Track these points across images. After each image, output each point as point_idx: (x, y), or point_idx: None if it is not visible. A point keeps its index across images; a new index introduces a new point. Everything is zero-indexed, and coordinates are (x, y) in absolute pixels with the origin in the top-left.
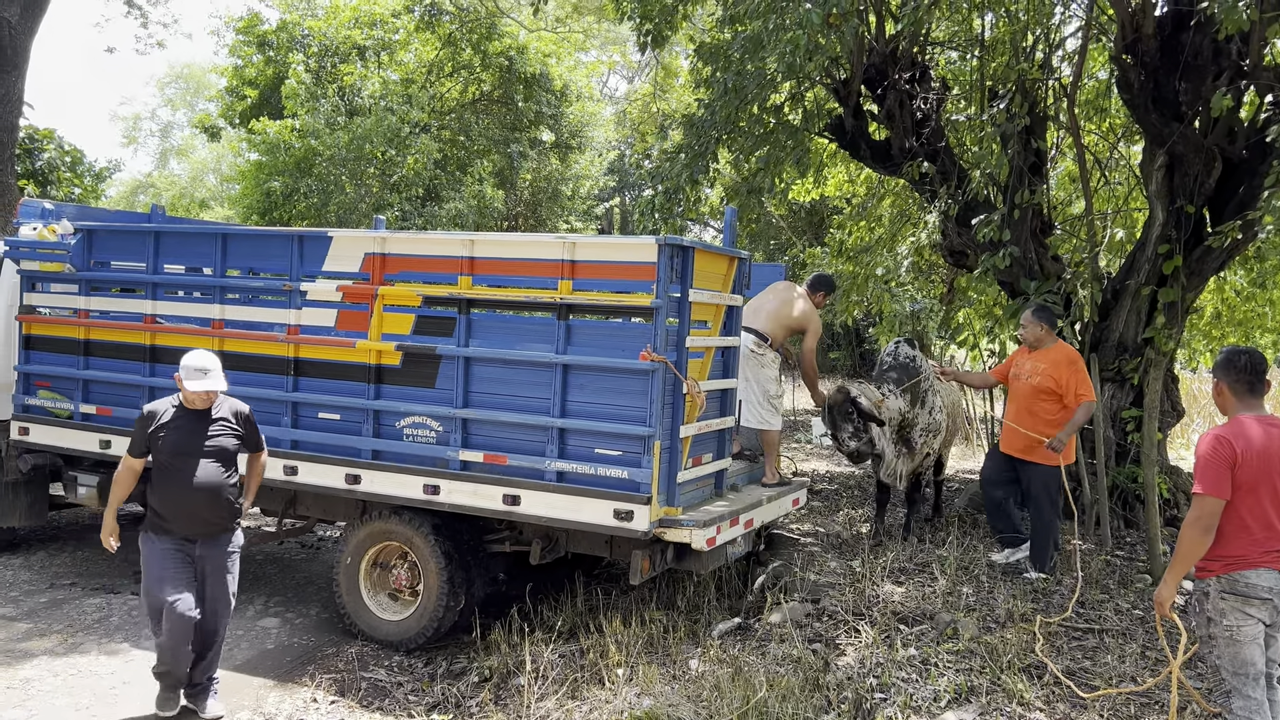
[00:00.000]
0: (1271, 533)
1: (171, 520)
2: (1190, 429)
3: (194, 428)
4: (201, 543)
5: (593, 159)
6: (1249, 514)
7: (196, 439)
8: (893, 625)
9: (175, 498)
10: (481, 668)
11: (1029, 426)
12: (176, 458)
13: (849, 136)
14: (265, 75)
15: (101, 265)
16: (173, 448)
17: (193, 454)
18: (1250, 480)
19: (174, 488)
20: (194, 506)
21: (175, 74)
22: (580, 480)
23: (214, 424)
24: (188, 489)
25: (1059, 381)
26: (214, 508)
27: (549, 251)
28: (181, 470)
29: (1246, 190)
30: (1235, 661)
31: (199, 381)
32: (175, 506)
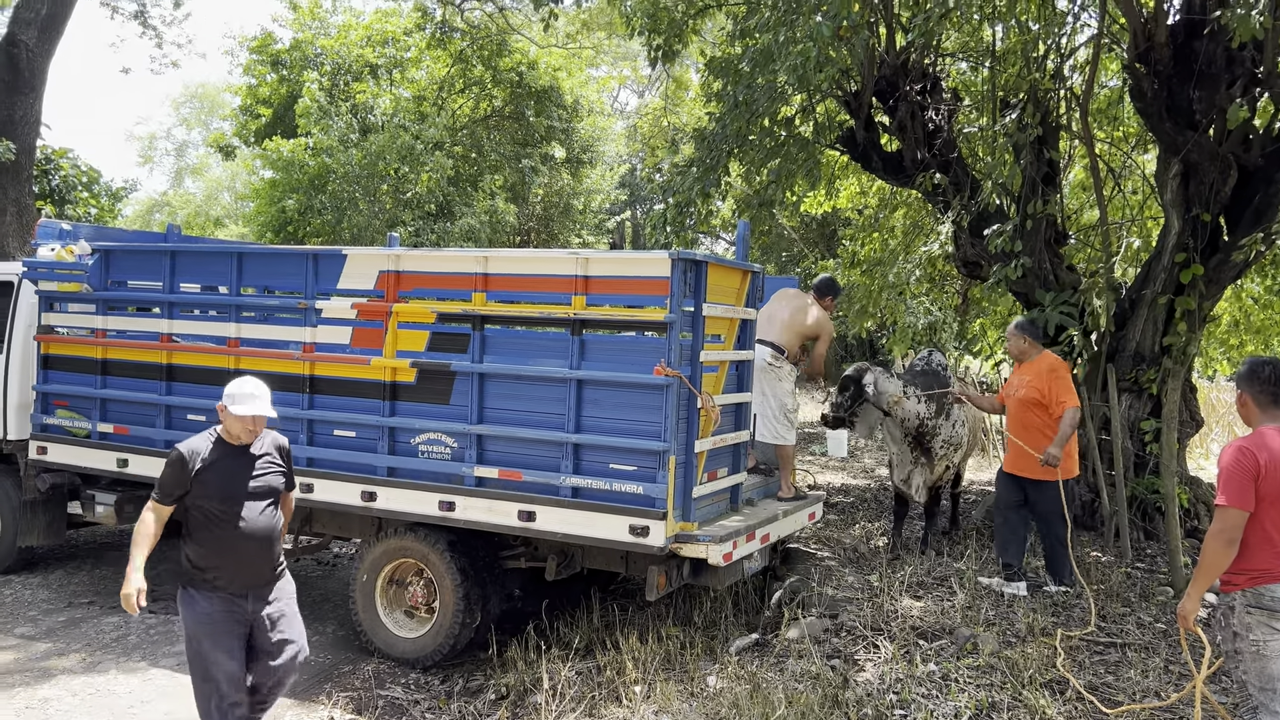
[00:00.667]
0: None
1: (218, 574)
2: (1209, 439)
3: (239, 466)
4: (253, 596)
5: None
6: (1273, 526)
7: (243, 479)
8: (912, 640)
9: (223, 548)
10: (498, 685)
11: (1023, 440)
12: (223, 502)
13: (861, 148)
14: (279, 94)
15: (118, 285)
16: (219, 491)
17: (240, 496)
18: (1274, 492)
19: (221, 536)
20: (245, 556)
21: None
22: (595, 496)
23: (259, 460)
24: (238, 536)
25: (1042, 391)
26: (267, 556)
27: (562, 267)
28: (229, 515)
29: (1263, 198)
30: (1262, 677)
31: (248, 405)
32: (223, 558)
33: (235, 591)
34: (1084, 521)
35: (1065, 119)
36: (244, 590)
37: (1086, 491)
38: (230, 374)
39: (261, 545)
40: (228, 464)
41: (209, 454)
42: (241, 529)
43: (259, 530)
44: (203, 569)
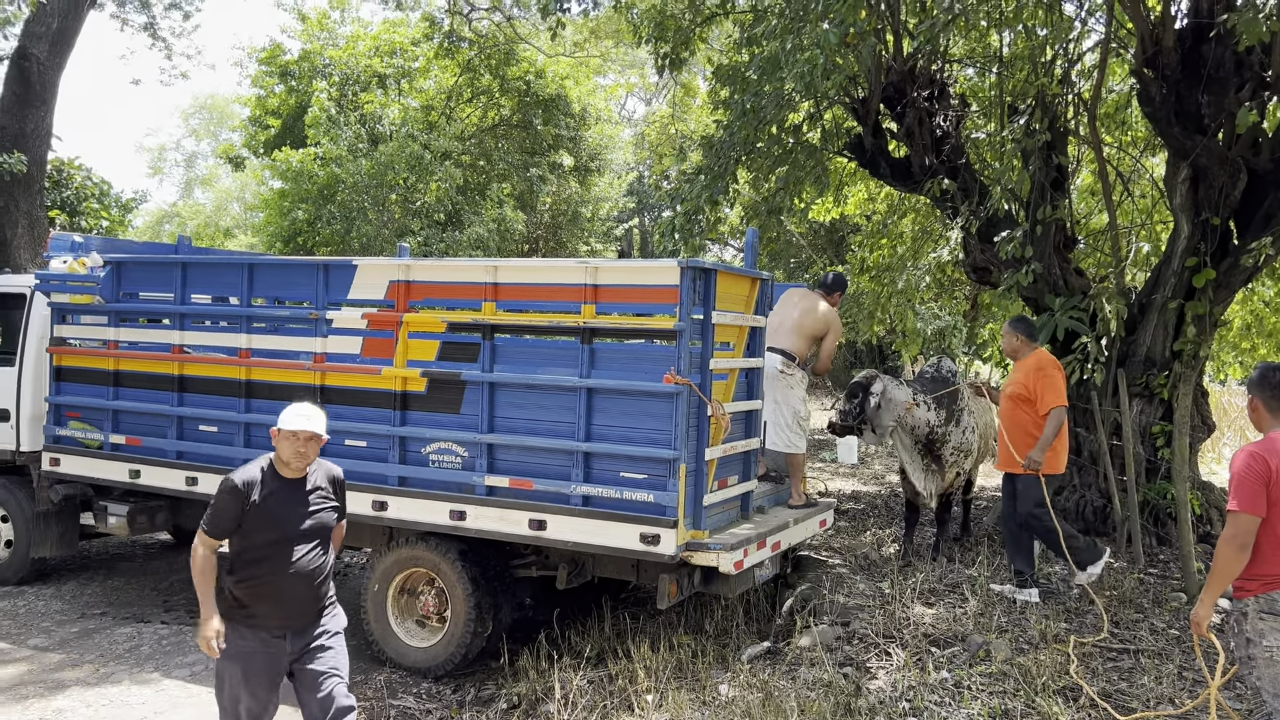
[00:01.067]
0: None
1: (261, 612)
2: (1221, 443)
3: (292, 501)
4: (293, 635)
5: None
6: None
7: (296, 515)
8: (924, 648)
9: (268, 587)
10: (510, 694)
11: (1009, 436)
12: (273, 541)
13: (868, 155)
14: (288, 105)
15: (130, 297)
16: (270, 528)
17: (292, 534)
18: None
19: (266, 575)
20: (291, 596)
21: (199, 104)
22: (606, 504)
23: (312, 495)
24: (285, 576)
25: (1029, 388)
26: (314, 596)
27: (572, 276)
28: (278, 554)
29: (1273, 201)
30: (1276, 683)
31: (297, 422)
32: (267, 597)
33: (275, 631)
34: (1096, 527)
35: (1073, 124)
36: (284, 630)
37: (1098, 497)
38: (241, 385)
39: (309, 585)
40: (280, 498)
41: (262, 486)
42: (289, 569)
43: (307, 570)
44: (246, 606)
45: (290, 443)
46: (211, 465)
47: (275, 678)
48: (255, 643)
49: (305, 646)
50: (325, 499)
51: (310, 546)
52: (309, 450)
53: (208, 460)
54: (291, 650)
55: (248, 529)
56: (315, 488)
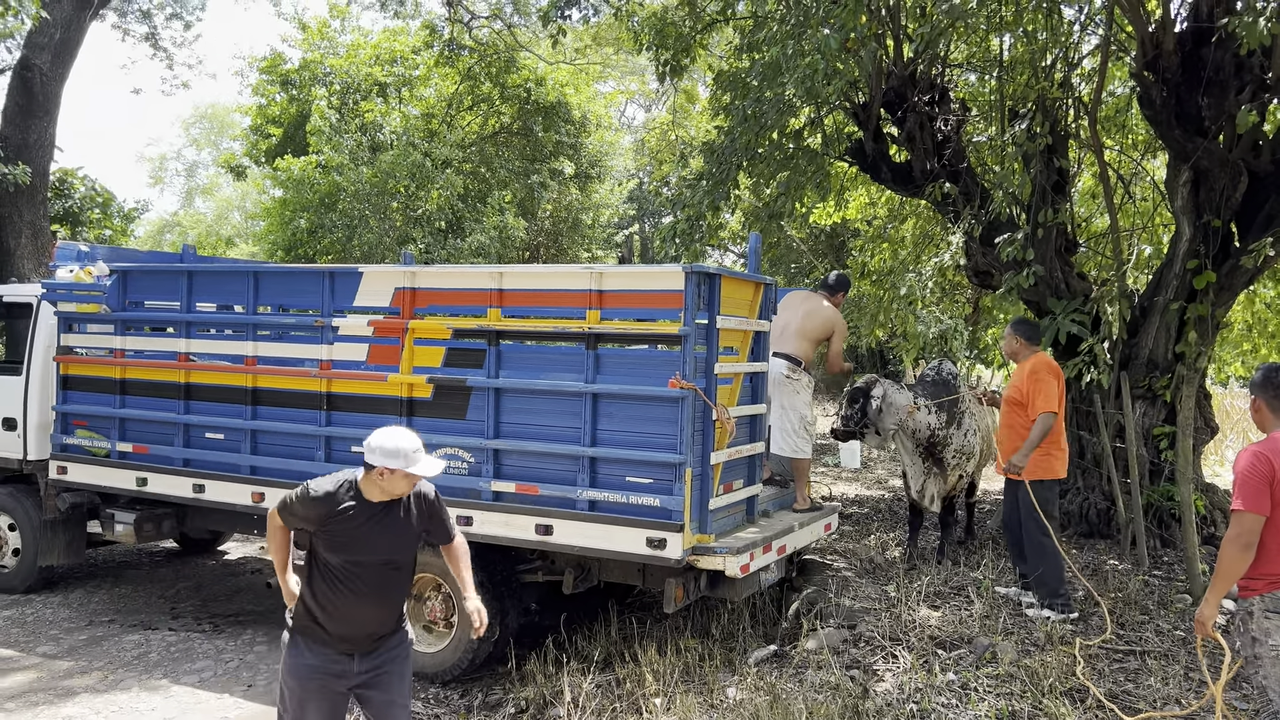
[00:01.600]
0: None
1: (330, 629)
2: (1224, 445)
3: (375, 525)
4: (360, 656)
5: (612, 188)
6: None
7: (377, 541)
8: (930, 650)
9: (340, 606)
10: (518, 699)
11: (1006, 440)
12: (350, 562)
13: (870, 159)
14: (289, 114)
15: (136, 305)
16: (348, 549)
17: (370, 560)
18: None
19: (341, 595)
20: (362, 620)
21: (200, 114)
22: (612, 509)
23: (398, 520)
24: (358, 600)
25: (1023, 392)
26: (384, 621)
27: (576, 282)
28: (353, 577)
29: (1274, 203)
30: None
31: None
32: (338, 616)
33: (342, 650)
34: (1100, 530)
35: (1074, 127)
36: (351, 651)
37: (1102, 500)
38: (248, 392)
39: (381, 611)
40: (363, 521)
41: (346, 506)
42: (366, 593)
43: (384, 596)
44: (317, 621)
45: (406, 482)
46: (218, 472)
47: (337, 699)
48: (319, 659)
49: (373, 668)
50: (410, 522)
51: (389, 572)
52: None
53: (214, 468)
54: (359, 671)
55: (324, 544)
56: (405, 510)
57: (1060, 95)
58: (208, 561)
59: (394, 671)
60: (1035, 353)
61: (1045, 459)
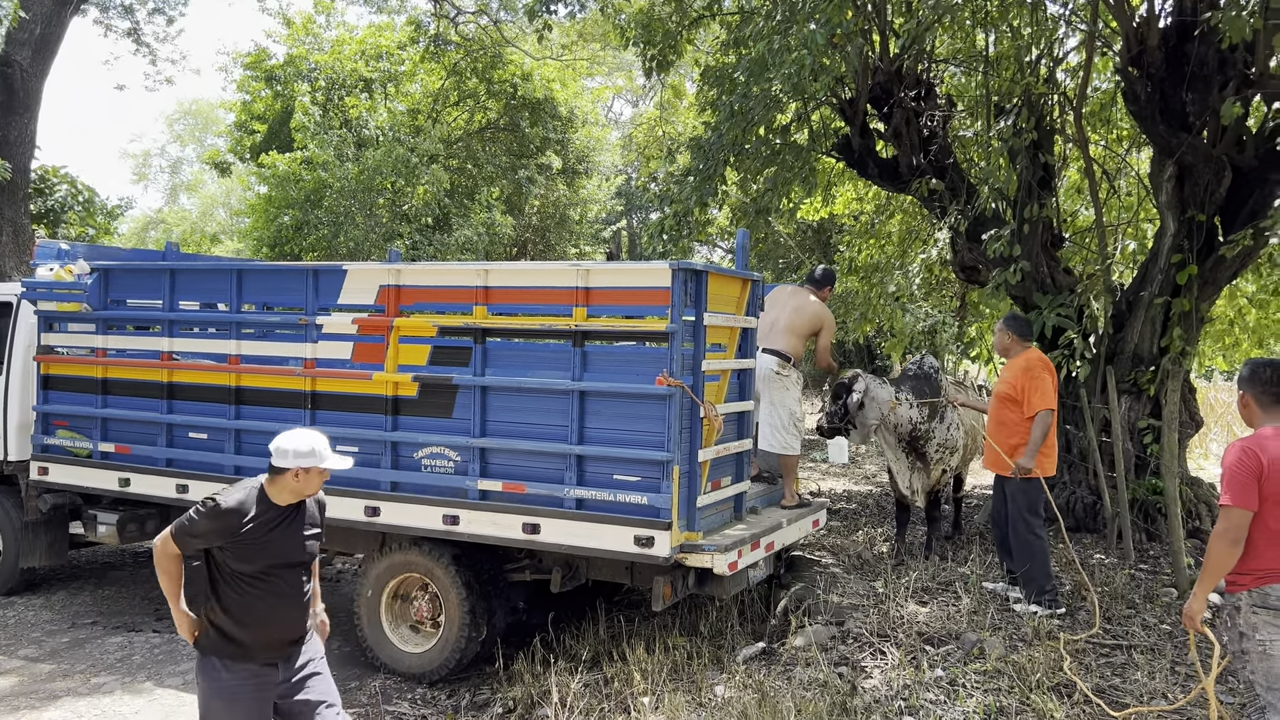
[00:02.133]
0: None
1: (251, 642)
2: (1208, 439)
3: (286, 529)
4: (283, 665)
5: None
6: (1278, 526)
7: (289, 544)
8: (918, 646)
9: (259, 616)
10: (505, 699)
11: (997, 437)
12: (266, 569)
13: (856, 155)
14: (274, 110)
15: (118, 304)
16: (262, 556)
17: (286, 562)
18: (1278, 492)
19: (259, 604)
20: (282, 625)
21: (184, 110)
22: (600, 507)
23: (303, 522)
24: (278, 605)
25: (1016, 388)
26: (302, 624)
27: (563, 279)
28: (270, 584)
29: (1258, 198)
30: (1269, 676)
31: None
32: (258, 626)
33: (264, 662)
34: (1086, 524)
35: (1059, 123)
36: (276, 661)
37: (1088, 494)
38: (231, 391)
39: (299, 615)
40: (272, 527)
41: (255, 513)
42: (280, 598)
43: (298, 598)
44: (231, 638)
45: (320, 480)
46: (202, 472)
47: (266, 712)
48: (243, 676)
49: (295, 675)
50: (312, 524)
51: (299, 575)
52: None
53: (198, 467)
54: (283, 680)
55: (236, 556)
56: (308, 514)
57: (1045, 91)
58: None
59: (319, 672)
60: (1027, 348)
61: (1043, 458)
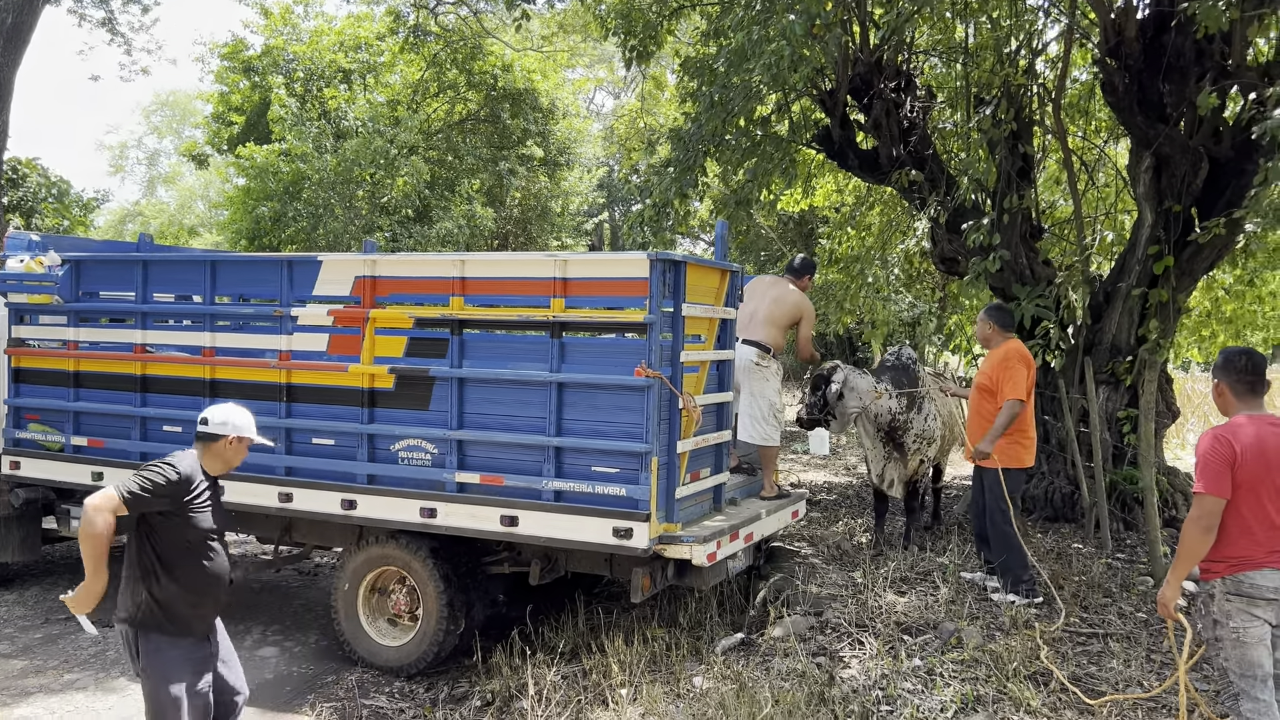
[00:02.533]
0: (1274, 533)
1: (193, 612)
2: (1185, 429)
3: (218, 498)
4: (211, 639)
5: (581, 175)
6: (1250, 514)
7: (221, 515)
8: (896, 636)
9: (203, 589)
10: (484, 691)
11: (974, 428)
12: (208, 535)
13: (836, 146)
14: (251, 101)
15: (90, 296)
16: (207, 522)
17: (220, 534)
18: (1251, 479)
19: (204, 576)
20: (218, 593)
21: (161, 101)
22: (578, 499)
23: (222, 494)
24: (214, 574)
25: (993, 379)
26: (224, 596)
27: (540, 269)
28: (212, 551)
29: (1234, 189)
30: (1243, 663)
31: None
32: (203, 594)
33: (201, 633)
34: (1064, 514)
35: (1038, 114)
36: (206, 632)
37: (1066, 484)
38: (206, 384)
39: (224, 584)
40: (212, 495)
41: (200, 480)
42: (217, 567)
43: (226, 569)
44: (176, 611)
45: (244, 452)
46: None
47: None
48: (188, 649)
49: (218, 649)
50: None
51: (225, 545)
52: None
53: None
54: (213, 651)
55: (186, 524)
56: (221, 488)
57: (1025, 82)
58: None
59: (229, 647)
60: (1008, 339)
61: (1014, 447)
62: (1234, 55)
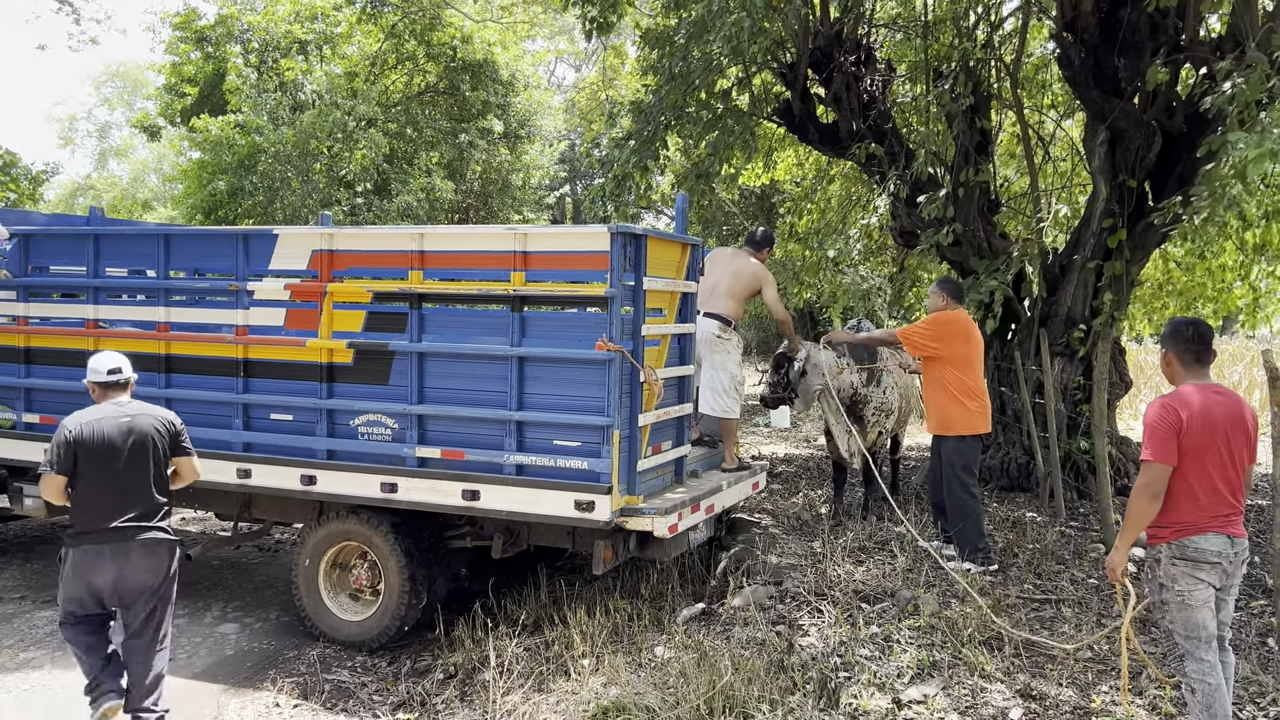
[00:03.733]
0: (1218, 498)
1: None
2: (1138, 399)
3: None
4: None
5: (542, 148)
6: (1195, 480)
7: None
8: (854, 604)
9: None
10: (446, 665)
11: (930, 397)
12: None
13: (797, 120)
14: (205, 72)
15: (40, 270)
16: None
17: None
18: (1196, 447)
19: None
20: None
21: (111, 72)
22: (540, 473)
23: None
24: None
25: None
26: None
27: (500, 243)
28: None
29: (1186, 163)
30: (1187, 625)
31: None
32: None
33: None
34: (1020, 483)
35: (996, 88)
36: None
37: (1022, 454)
38: (161, 359)
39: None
40: None
41: None
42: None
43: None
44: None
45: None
46: None
47: None
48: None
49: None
50: None
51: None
52: None
53: None
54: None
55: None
56: None
57: (983, 56)
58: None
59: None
60: (956, 310)
61: (965, 415)
62: (1187, 30)
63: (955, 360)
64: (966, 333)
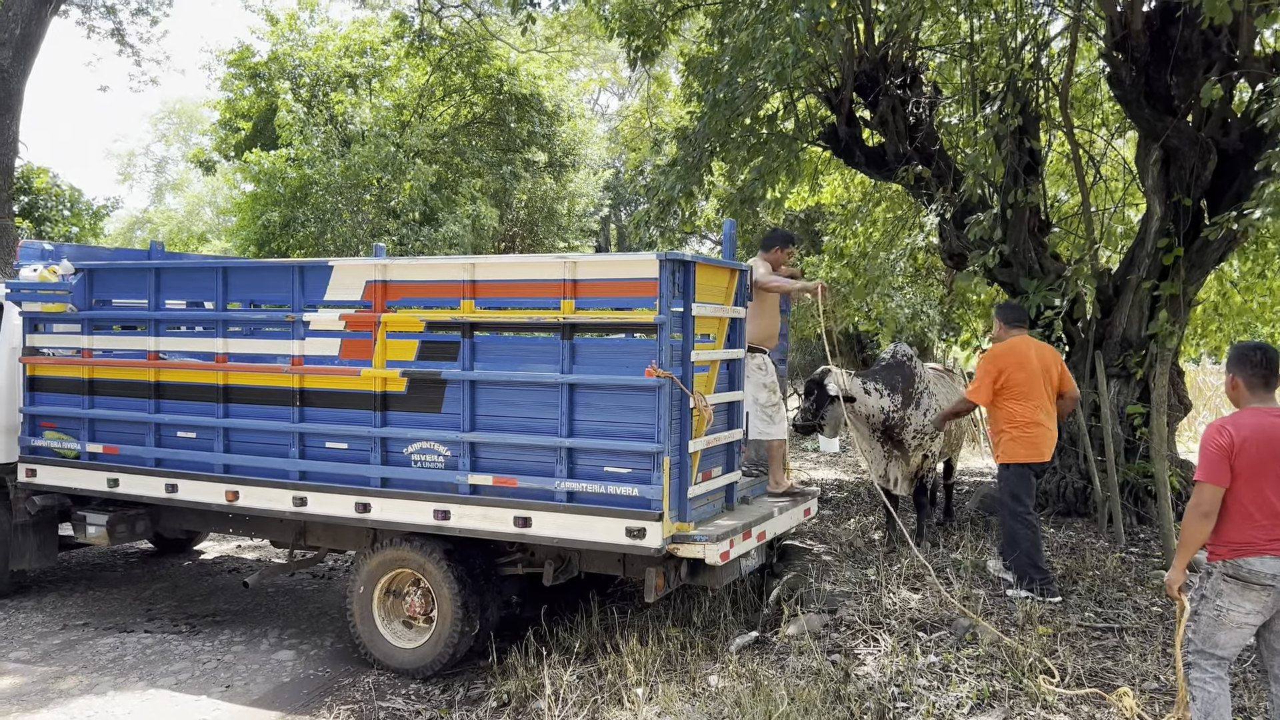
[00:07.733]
0: (1276, 520)
1: None
2: (1197, 422)
3: None
4: None
5: (587, 176)
6: (1251, 501)
7: None
8: (911, 633)
9: None
10: (499, 692)
11: (990, 424)
12: None
13: (843, 144)
14: (258, 107)
15: (103, 304)
16: None
17: None
18: (1250, 468)
19: None
20: None
21: (169, 109)
22: (591, 499)
23: None
24: None
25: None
26: None
27: (550, 271)
28: None
29: (1242, 180)
30: (1208, 640)
31: None
32: None
33: None
34: (1077, 508)
35: (1045, 108)
36: None
37: (1078, 478)
38: (219, 390)
39: None
40: None
41: None
42: None
43: None
44: None
45: None
46: (191, 471)
47: None
48: None
49: None
50: None
51: None
52: None
53: (187, 467)
54: None
55: None
56: None
57: (1030, 76)
58: (183, 561)
59: None
60: (1013, 335)
61: (1010, 443)
62: (1241, 46)
63: (1010, 389)
64: (1022, 360)
